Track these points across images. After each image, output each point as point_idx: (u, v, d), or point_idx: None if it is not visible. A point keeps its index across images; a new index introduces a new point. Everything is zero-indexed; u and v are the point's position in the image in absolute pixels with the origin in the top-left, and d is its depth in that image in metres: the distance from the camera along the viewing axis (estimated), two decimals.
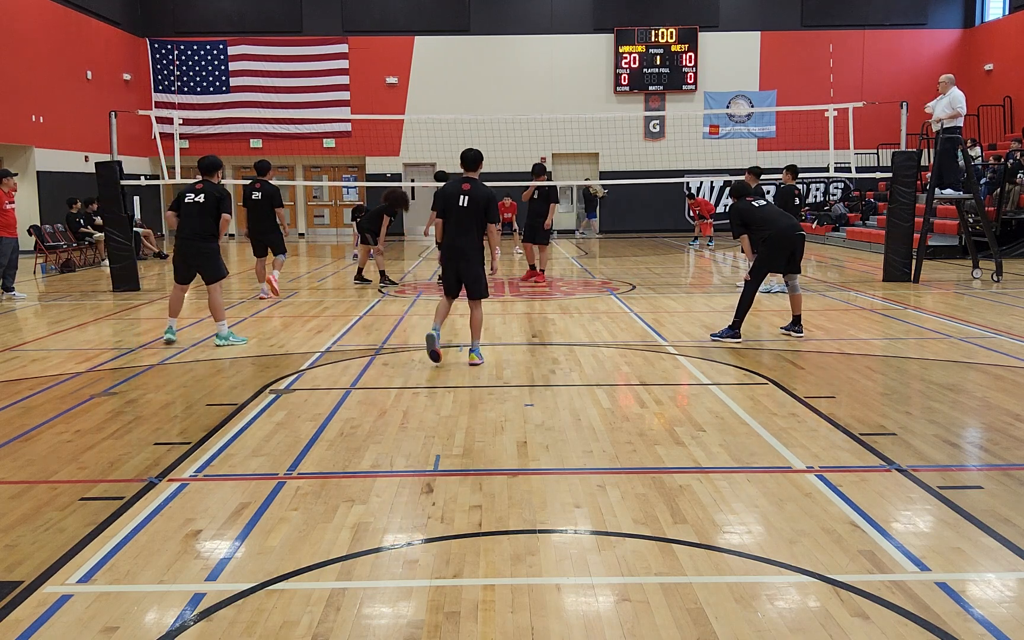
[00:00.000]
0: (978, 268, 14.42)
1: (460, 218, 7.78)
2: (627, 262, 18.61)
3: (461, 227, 7.79)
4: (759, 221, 8.92)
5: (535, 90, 27.20)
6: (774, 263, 9.07)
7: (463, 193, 7.78)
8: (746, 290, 8.97)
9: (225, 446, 5.62)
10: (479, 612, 3.41)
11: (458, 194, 7.79)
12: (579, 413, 6.31)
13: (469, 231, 7.80)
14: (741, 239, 9.20)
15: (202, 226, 9.03)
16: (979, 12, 27.18)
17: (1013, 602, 3.45)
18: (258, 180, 12.97)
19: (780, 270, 9.16)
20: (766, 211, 9.02)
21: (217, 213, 9.09)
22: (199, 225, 9.03)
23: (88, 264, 18.82)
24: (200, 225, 9.03)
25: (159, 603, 3.54)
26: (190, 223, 9.04)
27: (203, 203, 9.04)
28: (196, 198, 9.07)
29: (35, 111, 21.22)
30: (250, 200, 12.90)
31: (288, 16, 27.53)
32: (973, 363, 7.90)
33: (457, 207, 7.77)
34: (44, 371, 8.03)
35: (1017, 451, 5.33)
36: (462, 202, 7.75)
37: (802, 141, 22.35)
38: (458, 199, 7.77)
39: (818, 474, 4.94)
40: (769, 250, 8.92)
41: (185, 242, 9.14)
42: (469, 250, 7.84)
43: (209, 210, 9.05)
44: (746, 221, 8.99)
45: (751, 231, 9.00)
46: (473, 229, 7.82)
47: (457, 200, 7.77)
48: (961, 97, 13.61)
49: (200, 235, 9.05)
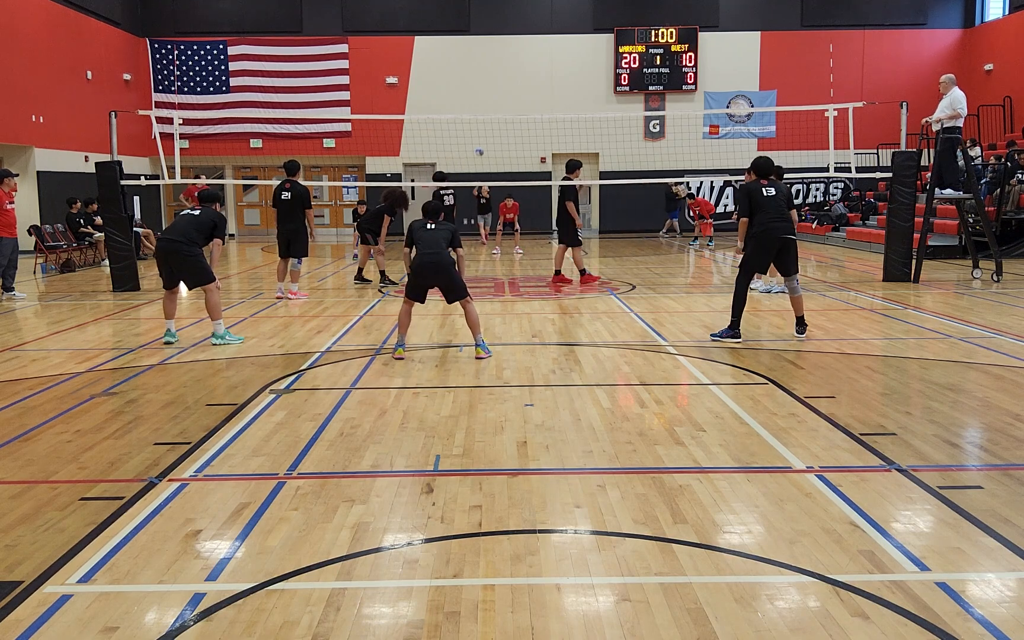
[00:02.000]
0: (978, 268, 14.42)
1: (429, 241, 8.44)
2: (627, 262, 18.61)
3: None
4: (760, 207, 8.84)
5: (535, 90, 27.19)
6: (759, 261, 9.05)
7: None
8: (737, 288, 8.97)
9: (225, 446, 5.62)
10: (479, 612, 3.41)
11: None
12: (579, 413, 6.31)
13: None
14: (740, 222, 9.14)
15: (187, 234, 9.04)
16: (979, 12, 27.18)
17: (1013, 602, 3.45)
18: (288, 180, 12.88)
19: (764, 270, 9.11)
20: (771, 202, 8.88)
21: (210, 235, 9.18)
22: (185, 232, 9.04)
23: (88, 264, 18.82)
24: (185, 233, 9.04)
25: (159, 603, 3.54)
26: (179, 226, 9.09)
27: (198, 216, 9.20)
28: (192, 211, 9.31)
29: (35, 111, 21.22)
30: (279, 200, 12.82)
31: (288, 16, 27.52)
32: (973, 363, 7.90)
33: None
34: (44, 371, 8.03)
35: (1017, 451, 5.33)
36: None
37: (802, 141, 22.35)
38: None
39: (818, 474, 4.94)
40: (756, 247, 8.89)
41: (167, 243, 9.06)
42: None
43: (202, 227, 9.13)
44: (751, 205, 8.87)
45: (752, 217, 8.93)
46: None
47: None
48: (962, 97, 13.61)
49: (184, 240, 9.01)
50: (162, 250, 9.12)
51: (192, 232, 9.07)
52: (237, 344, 9.15)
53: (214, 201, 9.50)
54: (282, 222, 12.83)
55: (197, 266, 9.10)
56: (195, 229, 9.10)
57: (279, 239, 12.91)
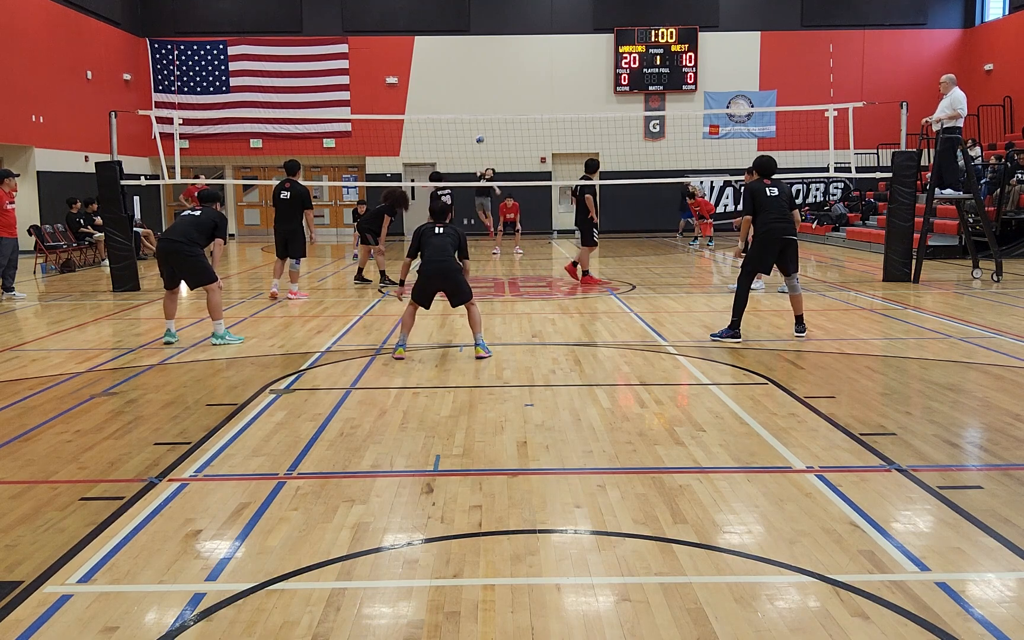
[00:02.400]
0: (978, 268, 14.42)
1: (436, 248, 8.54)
2: (627, 262, 18.61)
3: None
4: (763, 208, 8.87)
5: (535, 90, 27.19)
6: (762, 262, 9.07)
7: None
8: (739, 288, 8.98)
9: (225, 446, 5.62)
10: (479, 612, 3.41)
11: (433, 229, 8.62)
12: (579, 413, 6.31)
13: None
14: (743, 220, 9.22)
15: (188, 235, 9.06)
16: (979, 12, 27.18)
17: (1013, 602, 3.45)
18: (288, 180, 12.75)
19: (767, 270, 9.16)
20: (773, 202, 8.89)
21: (211, 235, 9.22)
22: (186, 233, 9.05)
23: (88, 264, 18.82)
24: (186, 234, 9.06)
25: (159, 603, 3.54)
26: (180, 226, 9.11)
27: (199, 217, 9.22)
28: (193, 212, 9.35)
29: (35, 111, 21.22)
30: (278, 199, 12.71)
31: (288, 16, 27.52)
32: (973, 363, 7.89)
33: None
34: (44, 371, 8.03)
35: (1017, 451, 5.33)
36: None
37: (802, 141, 22.35)
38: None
39: (818, 474, 4.94)
40: (758, 247, 8.93)
41: (168, 243, 9.08)
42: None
43: (202, 228, 9.16)
44: (755, 205, 8.91)
45: (756, 217, 8.96)
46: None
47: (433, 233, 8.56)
48: (962, 98, 13.61)
49: (185, 240, 9.03)
50: (163, 251, 9.13)
51: (193, 232, 9.08)
52: (237, 344, 9.16)
53: (214, 201, 9.52)
54: (280, 222, 12.76)
55: (198, 266, 9.11)
56: (196, 229, 9.10)
57: (276, 239, 12.86)
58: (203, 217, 9.19)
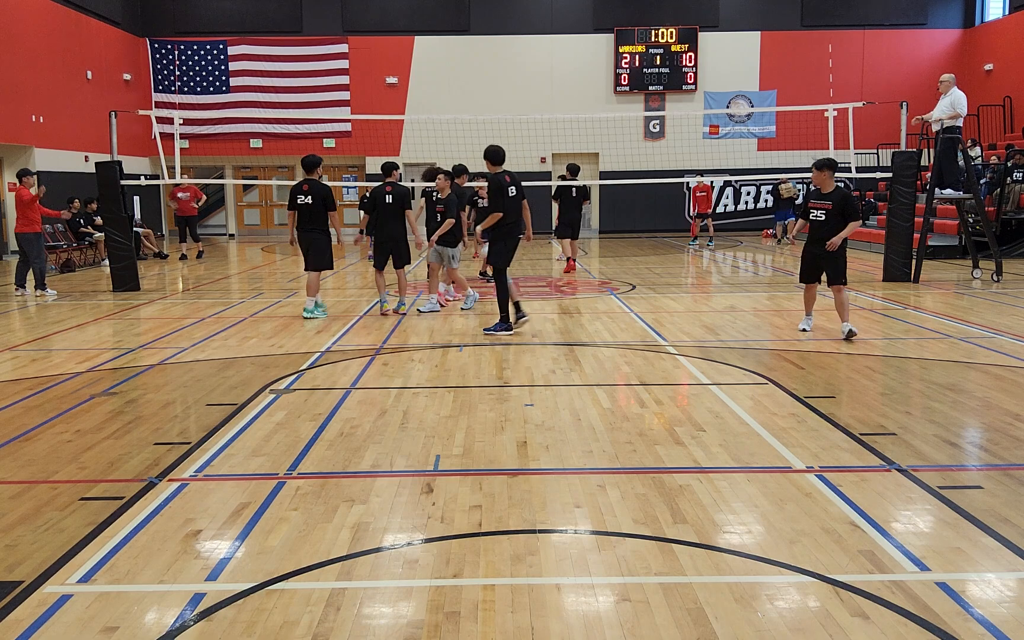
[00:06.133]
0: (978, 268, 14.42)
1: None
2: (627, 262, 18.61)
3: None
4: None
5: (535, 90, 27.18)
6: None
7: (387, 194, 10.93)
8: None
9: (225, 446, 5.62)
10: (479, 612, 3.41)
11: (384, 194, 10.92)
12: (579, 413, 6.31)
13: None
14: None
15: (312, 221, 10.68)
16: (979, 12, 27.16)
17: (1013, 602, 3.45)
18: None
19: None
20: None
21: (324, 209, 10.66)
22: (310, 220, 10.67)
23: (88, 264, 18.82)
24: (310, 221, 10.67)
25: (159, 603, 3.54)
26: (306, 214, 10.64)
27: (311, 204, 10.59)
28: (306, 199, 10.62)
29: (35, 111, 21.21)
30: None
31: (288, 16, 27.51)
32: (973, 363, 7.89)
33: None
34: (44, 371, 8.03)
35: (1017, 451, 5.33)
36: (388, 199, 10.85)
37: (802, 141, 22.35)
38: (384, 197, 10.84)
39: (818, 474, 4.94)
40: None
41: (303, 235, 10.75)
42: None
43: (317, 208, 10.62)
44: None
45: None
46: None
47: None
48: (962, 98, 13.59)
49: (316, 228, 10.72)
50: (301, 241, 10.83)
51: (318, 219, 10.73)
52: (323, 318, 10.79)
53: (315, 167, 10.81)
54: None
55: (318, 250, 10.81)
56: (317, 214, 10.69)
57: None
58: (314, 203, 10.67)
